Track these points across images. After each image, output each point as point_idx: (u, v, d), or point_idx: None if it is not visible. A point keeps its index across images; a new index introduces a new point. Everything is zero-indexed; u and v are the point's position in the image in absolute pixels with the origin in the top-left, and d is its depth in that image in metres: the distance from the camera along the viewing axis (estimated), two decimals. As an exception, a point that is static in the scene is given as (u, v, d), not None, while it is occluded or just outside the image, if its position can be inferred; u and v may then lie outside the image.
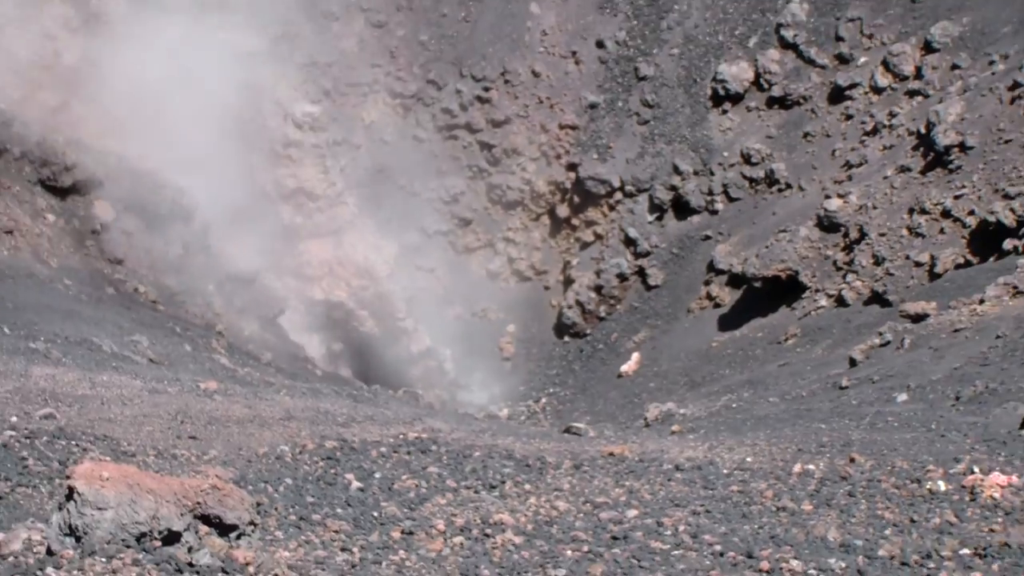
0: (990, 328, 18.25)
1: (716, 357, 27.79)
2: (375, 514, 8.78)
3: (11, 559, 6.73)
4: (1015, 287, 20.25)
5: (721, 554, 7.76)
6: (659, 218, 33.45)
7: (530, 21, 35.26)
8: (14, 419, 10.53)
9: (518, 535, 8.24)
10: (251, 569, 7.06)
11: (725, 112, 32.96)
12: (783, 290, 27.89)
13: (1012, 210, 23.49)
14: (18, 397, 11.56)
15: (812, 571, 7.32)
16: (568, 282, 35.02)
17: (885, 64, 30.02)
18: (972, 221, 24.40)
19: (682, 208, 33.00)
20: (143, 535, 7.08)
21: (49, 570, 6.59)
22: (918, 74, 29.30)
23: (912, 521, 8.24)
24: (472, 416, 25.25)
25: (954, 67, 28.47)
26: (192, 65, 33.47)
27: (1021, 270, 20.95)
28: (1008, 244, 23.20)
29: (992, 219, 23.77)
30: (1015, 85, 26.12)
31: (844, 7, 31.58)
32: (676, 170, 33.10)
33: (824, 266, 27.18)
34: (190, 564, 6.93)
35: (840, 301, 26.00)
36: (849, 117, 30.52)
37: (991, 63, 27.55)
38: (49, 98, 28.25)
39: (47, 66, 28.73)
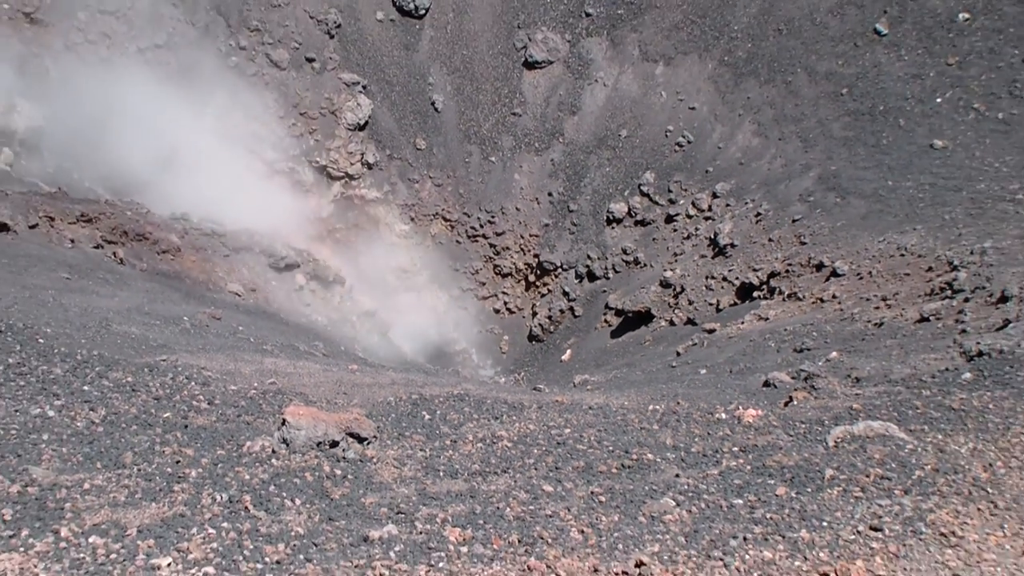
0: (747, 336, 18.31)
1: (609, 352, 27.74)
2: (437, 432, 8.76)
3: (253, 454, 6.73)
4: (759, 315, 20.36)
5: (612, 451, 7.77)
6: (580, 282, 33.42)
7: (514, 183, 35.39)
8: (255, 384, 10.52)
9: (509, 442, 8.23)
10: (374, 459, 7.06)
11: (613, 228, 33.04)
12: (643, 318, 27.92)
13: (758, 277, 23.64)
14: (258, 373, 11.55)
15: (659, 459, 7.33)
16: (534, 314, 34.91)
17: (693, 203, 30.16)
18: (737, 282, 24.53)
19: (592, 276, 32.97)
20: (320, 443, 7.09)
21: (273, 460, 6.60)
22: (709, 209, 29.48)
23: (708, 433, 8.25)
24: (486, 382, 25.11)
25: (727, 205, 28.64)
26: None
27: (762, 308, 21.07)
28: (756, 294, 23.33)
29: (748, 281, 23.92)
30: (758, 214, 26.36)
31: (672, 175, 31.75)
32: (589, 257, 33.11)
33: (663, 306, 27.23)
34: (344, 458, 6.93)
35: (672, 323, 26.07)
36: (675, 230, 30.63)
37: (746, 203, 27.73)
38: (272, 219, 28.41)
39: (270, 199, 28.95)
